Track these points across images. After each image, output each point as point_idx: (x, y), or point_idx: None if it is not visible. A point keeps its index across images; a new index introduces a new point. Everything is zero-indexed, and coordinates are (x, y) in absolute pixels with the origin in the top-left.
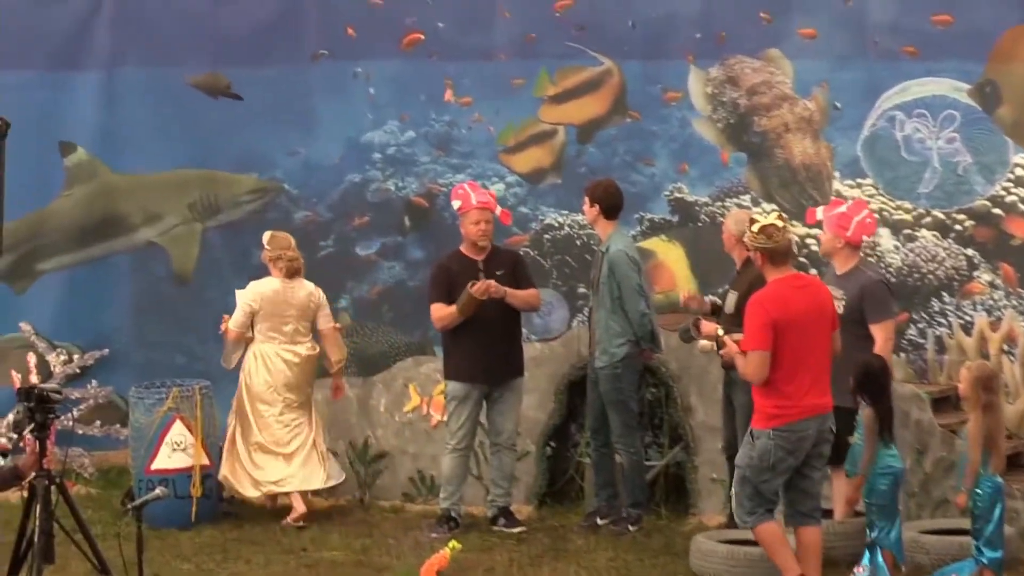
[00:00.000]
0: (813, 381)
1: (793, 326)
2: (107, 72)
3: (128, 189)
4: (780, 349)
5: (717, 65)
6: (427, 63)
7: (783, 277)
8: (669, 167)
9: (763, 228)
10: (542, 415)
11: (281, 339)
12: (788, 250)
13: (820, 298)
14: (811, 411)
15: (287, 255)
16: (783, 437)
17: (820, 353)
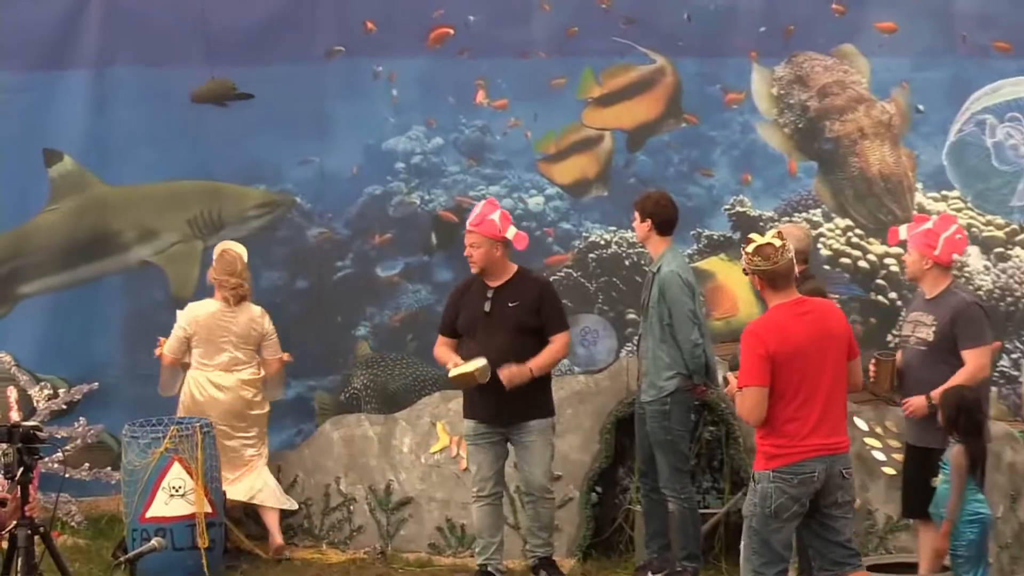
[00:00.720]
0: (821, 418)
1: (795, 358)
2: (96, 72)
3: (120, 202)
4: (779, 384)
5: (784, 63)
6: (457, 61)
7: (784, 303)
8: (730, 178)
9: (759, 249)
10: (586, 457)
11: (213, 367)
12: (789, 272)
13: (828, 325)
14: (816, 451)
15: (229, 283)
16: (784, 479)
17: (829, 387)
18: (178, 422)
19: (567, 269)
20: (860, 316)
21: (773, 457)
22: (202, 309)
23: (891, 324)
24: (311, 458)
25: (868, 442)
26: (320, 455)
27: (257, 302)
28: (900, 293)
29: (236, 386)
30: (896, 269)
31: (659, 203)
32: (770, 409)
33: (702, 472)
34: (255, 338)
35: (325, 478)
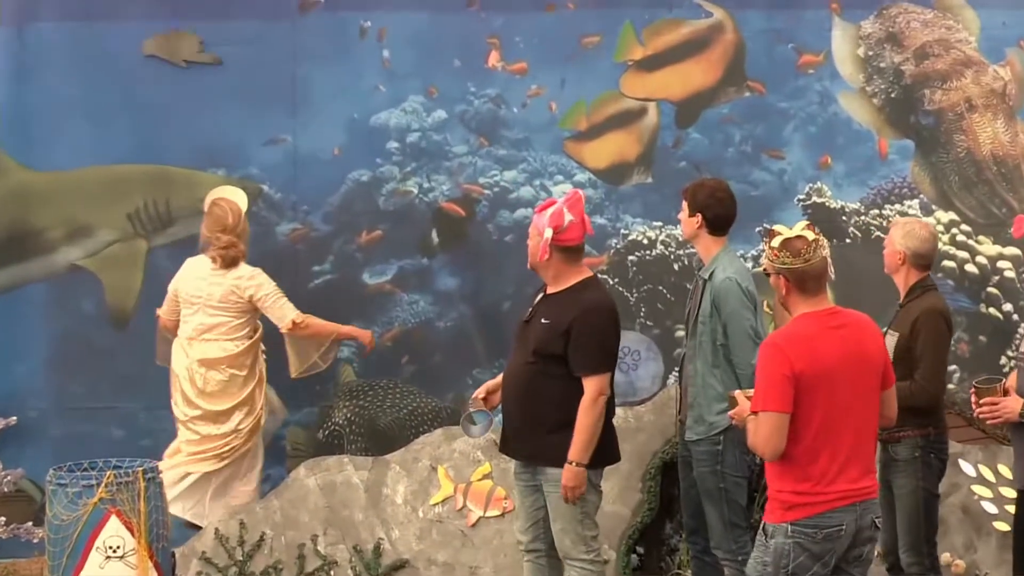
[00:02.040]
0: (850, 457)
1: (824, 381)
2: (16, 30)
3: (44, 192)
4: (803, 412)
5: (873, 16)
6: (464, 14)
7: (814, 312)
8: (805, 160)
9: (787, 243)
10: (625, 510)
11: (185, 332)
12: (822, 274)
13: (864, 343)
14: (845, 498)
15: (221, 240)
16: (806, 535)
17: (862, 419)
18: (116, 466)
19: (601, 275)
20: (967, 333)
21: (793, 507)
22: (193, 264)
23: (1006, 343)
24: (282, 511)
25: (976, 491)
26: (293, 507)
27: None
28: (1018, 304)
29: (203, 363)
30: (1012, 275)
31: (714, 194)
32: (791, 444)
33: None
34: (238, 305)
35: (299, 536)
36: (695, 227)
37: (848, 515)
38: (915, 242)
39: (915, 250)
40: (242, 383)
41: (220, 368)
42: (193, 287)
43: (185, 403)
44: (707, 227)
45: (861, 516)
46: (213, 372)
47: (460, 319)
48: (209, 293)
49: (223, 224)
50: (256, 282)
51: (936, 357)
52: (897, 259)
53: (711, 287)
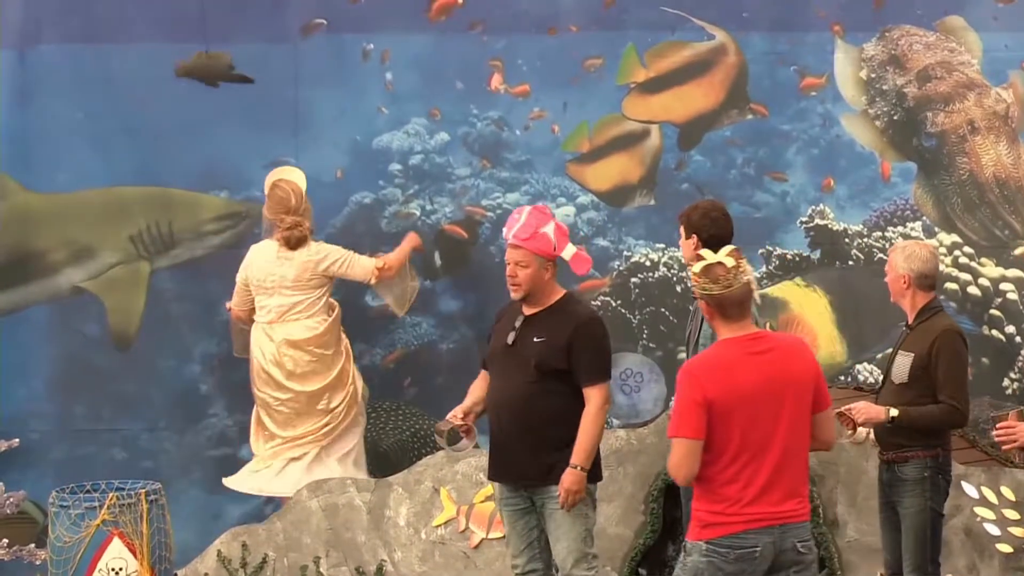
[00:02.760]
0: (771, 481)
1: (739, 407)
2: (18, 52)
3: (47, 214)
4: (718, 438)
5: (875, 39)
6: (466, 37)
7: (735, 338)
8: (808, 182)
9: (707, 269)
10: (627, 531)
11: (265, 316)
12: (743, 300)
13: (789, 367)
14: (761, 520)
15: (285, 222)
16: (719, 554)
17: (784, 444)
18: (118, 488)
19: (604, 297)
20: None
21: (708, 525)
22: (256, 252)
23: (1009, 365)
24: (284, 533)
25: (979, 512)
26: (295, 529)
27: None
28: (1020, 327)
29: (291, 345)
30: (1015, 297)
31: (708, 214)
32: (707, 467)
33: None
34: (311, 283)
35: (301, 558)
36: (692, 249)
37: (764, 537)
38: (917, 264)
39: (918, 271)
40: (330, 362)
41: (307, 349)
42: (264, 272)
43: (274, 387)
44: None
45: (780, 539)
46: (300, 353)
47: (462, 341)
48: (282, 275)
49: (287, 206)
50: (325, 253)
51: (961, 376)
52: (902, 283)
53: None
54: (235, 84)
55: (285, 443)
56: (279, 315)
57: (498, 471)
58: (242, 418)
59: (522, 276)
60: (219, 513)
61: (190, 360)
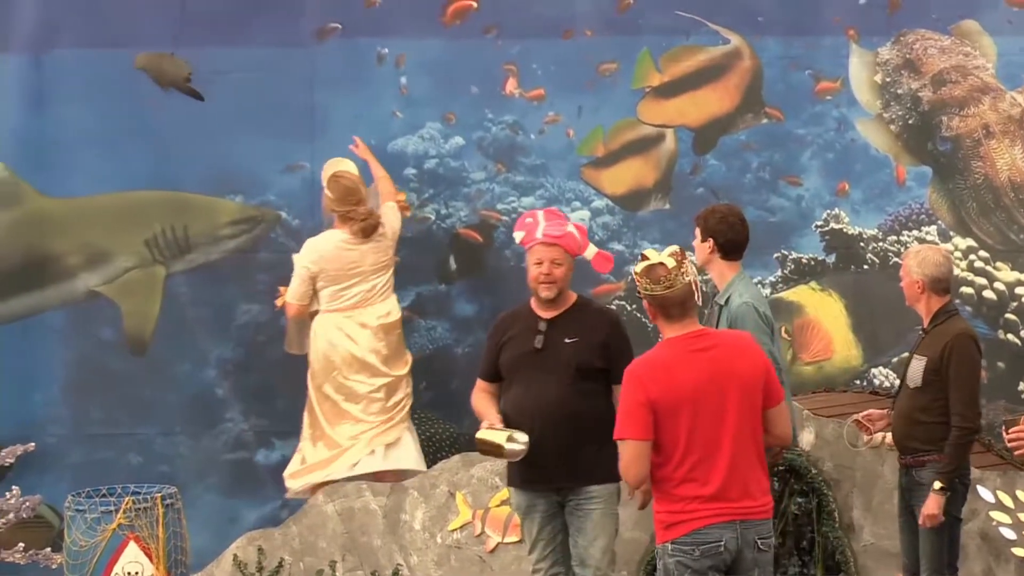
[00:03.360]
0: (727, 478)
1: (683, 406)
2: (32, 57)
3: (62, 218)
4: (666, 438)
5: (889, 43)
6: (481, 41)
7: (677, 337)
8: (823, 187)
9: (648, 269)
10: (643, 536)
11: (344, 306)
12: (685, 300)
13: (733, 364)
14: (721, 516)
15: (358, 213)
16: (684, 552)
17: (735, 441)
18: (134, 492)
19: (619, 301)
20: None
21: (670, 526)
22: (327, 242)
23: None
24: (300, 537)
25: (995, 517)
26: (311, 533)
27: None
28: None
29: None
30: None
31: (725, 219)
32: (659, 468)
33: (788, 555)
34: (384, 261)
35: (317, 562)
36: (707, 252)
37: (727, 531)
38: (931, 268)
39: (932, 275)
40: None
41: (395, 332)
42: (341, 262)
43: (370, 374)
44: (719, 252)
45: (742, 536)
46: (391, 336)
47: (477, 345)
48: (361, 262)
49: (358, 196)
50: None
51: (971, 382)
52: (916, 288)
53: (727, 313)
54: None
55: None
56: (364, 300)
57: (529, 477)
58: (258, 422)
59: (558, 274)
60: (235, 517)
61: (206, 364)
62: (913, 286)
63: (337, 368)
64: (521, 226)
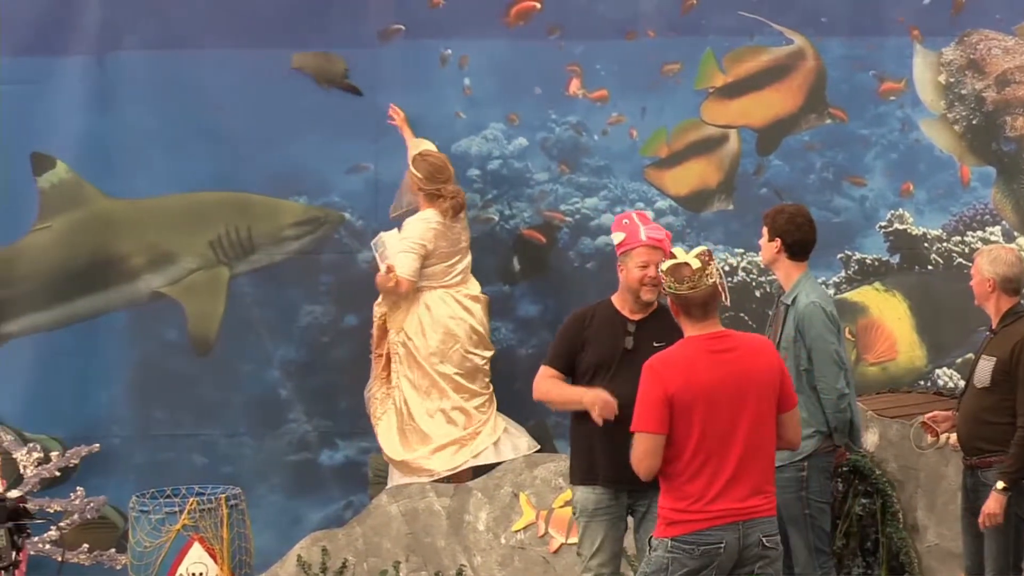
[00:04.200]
0: (734, 478)
1: (699, 403)
2: (97, 58)
3: (127, 220)
4: (679, 433)
5: (953, 44)
6: (545, 42)
7: (699, 336)
8: (887, 187)
9: (673, 269)
10: None
11: (455, 282)
12: (708, 301)
13: (751, 366)
14: (725, 517)
15: (448, 191)
16: (684, 550)
17: (747, 441)
18: (198, 493)
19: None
20: None
21: (673, 523)
22: (426, 221)
23: None
24: (364, 537)
25: None
26: (375, 534)
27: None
28: None
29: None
30: None
31: (793, 219)
32: (670, 464)
33: (852, 556)
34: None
35: (381, 563)
36: (774, 252)
37: (729, 533)
38: (1003, 267)
39: (1004, 275)
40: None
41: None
42: (450, 237)
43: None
44: (786, 252)
45: (745, 535)
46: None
47: (541, 346)
48: (461, 238)
49: (446, 174)
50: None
51: None
52: (987, 287)
53: (794, 312)
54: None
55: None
56: (465, 277)
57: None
58: (321, 423)
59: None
60: (299, 518)
61: (269, 365)
62: (984, 285)
63: (460, 342)
64: (619, 227)
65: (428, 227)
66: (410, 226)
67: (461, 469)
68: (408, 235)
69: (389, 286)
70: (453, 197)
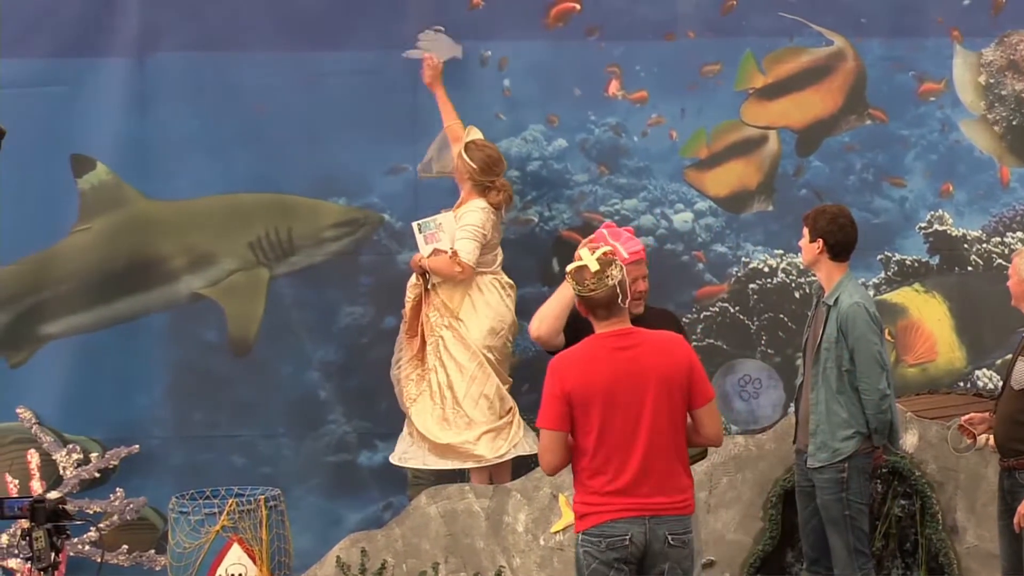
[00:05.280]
0: (640, 474)
1: (596, 400)
2: (137, 60)
3: (166, 221)
4: (582, 429)
5: (994, 44)
6: (584, 43)
7: (602, 334)
8: (926, 188)
9: (575, 271)
10: (746, 538)
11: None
12: (611, 302)
13: (655, 363)
14: (630, 511)
15: (497, 183)
16: (592, 543)
17: (651, 437)
18: (237, 494)
19: (722, 303)
20: None
21: (582, 516)
22: (487, 210)
23: None
24: (403, 538)
25: None
26: (414, 535)
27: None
28: None
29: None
30: None
31: (835, 220)
32: (577, 459)
33: (891, 557)
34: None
35: (420, 564)
36: (816, 253)
37: (634, 527)
38: None
39: None
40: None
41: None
42: (497, 230)
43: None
44: (828, 253)
45: (651, 531)
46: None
47: None
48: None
49: (502, 167)
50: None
51: None
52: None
53: (837, 313)
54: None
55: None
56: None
57: None
58: (360, 424)
59: (646, 287)
60: (338, 519)
61: (308, 366)
62: (1020, 285)
63: (506, 328)
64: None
65: (488, 216)
66: (470, 214)
67: (507, 458)
68: (470, 222)
69: (456, 271)
70: (505, 190)
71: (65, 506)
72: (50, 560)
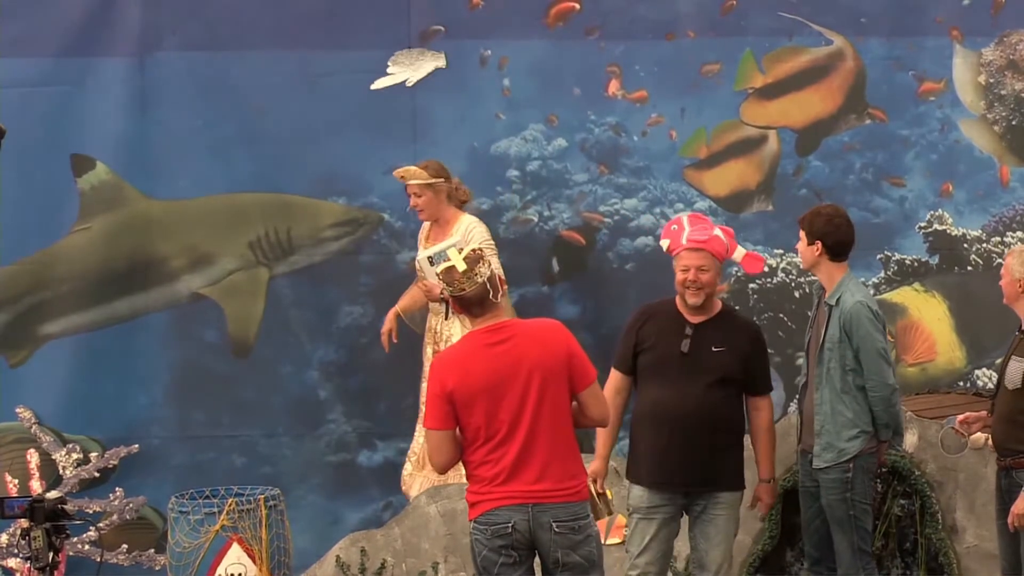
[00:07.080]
0: (522, 462)
1: (478, 397)
2: (137, 59)
3: (166, 221)
4: (466, 424)
5: (993, 44)
6: (584, 43)
7: (477, 331)
8: (926, 188)
9: (445, 271)
10: (745, 538)
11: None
12: (481, 300)
13: (529, 353)
14: (512, 499)
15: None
16: (479, 530)
17: (533, 426)
18: (237, 494)
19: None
20: None
21: (471, 505)
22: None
23: None
24: (403, 538)
25: None
26: (414, 535)
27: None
28: None
29: None
30: None
31: (832, 220)
32: (465, 453)
33: (891, 556)
34: None
35: (420, 564)
36: (815, 255)
37: (517, 514)
38: None
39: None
40: None
41: None
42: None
43: None
44: (828, 254)
45: (535, 518)
46: None
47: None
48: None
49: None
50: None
51: None
52: (1017, 287)
53: (839, 312)
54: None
55: None
56: None
57: (662, 477)
58: (360, 424)
59: (705, 279)
60: (337, 519)
61: (308, 366)
62: (1013, 285)
63: None
64: (667, 233)
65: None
66: (475, 231)
67: None
68: (484, 238)
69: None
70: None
71: (64, 506)
72: (48, 560)
